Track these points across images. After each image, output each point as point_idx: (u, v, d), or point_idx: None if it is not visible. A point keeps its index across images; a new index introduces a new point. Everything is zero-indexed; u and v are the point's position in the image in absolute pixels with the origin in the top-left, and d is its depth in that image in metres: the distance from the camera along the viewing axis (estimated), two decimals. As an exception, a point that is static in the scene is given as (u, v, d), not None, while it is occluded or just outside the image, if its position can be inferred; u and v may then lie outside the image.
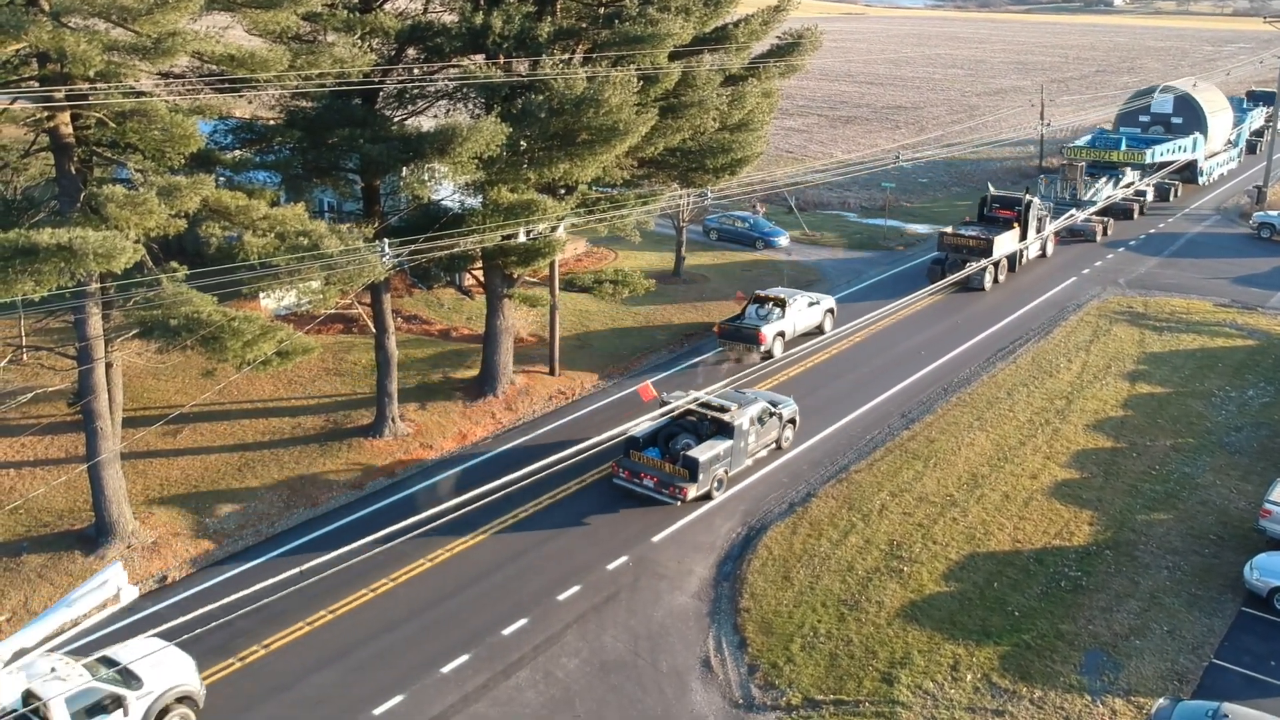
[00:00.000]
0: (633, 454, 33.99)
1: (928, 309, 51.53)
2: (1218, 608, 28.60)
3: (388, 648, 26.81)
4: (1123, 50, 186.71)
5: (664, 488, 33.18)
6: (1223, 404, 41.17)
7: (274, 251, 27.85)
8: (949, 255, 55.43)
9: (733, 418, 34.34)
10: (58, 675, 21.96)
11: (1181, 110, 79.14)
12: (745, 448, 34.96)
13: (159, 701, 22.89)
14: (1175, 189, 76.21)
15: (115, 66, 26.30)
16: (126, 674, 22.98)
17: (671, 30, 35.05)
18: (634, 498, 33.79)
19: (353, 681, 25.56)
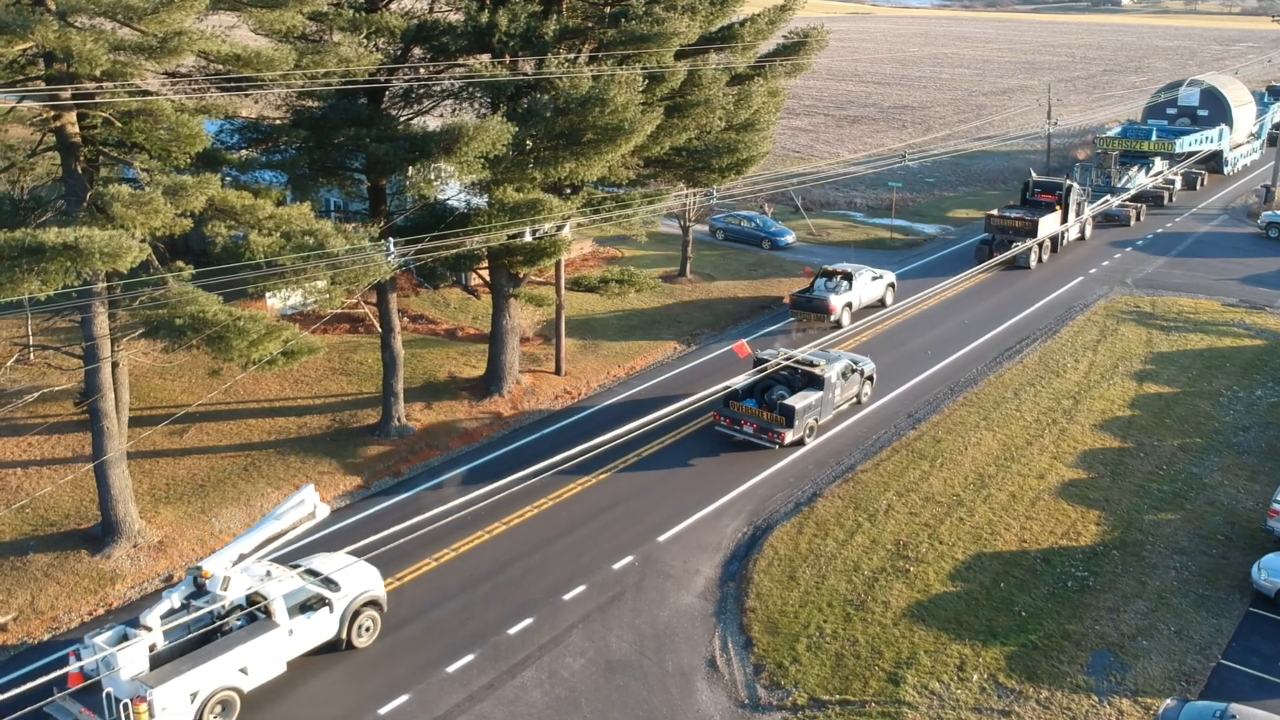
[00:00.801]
0: (733, 404, 37.68)
1: (942, 304, 51.47)
2: (1225, 608, 28.48)
3: (392, 647, 26.80)
4: (1130, 50, 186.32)
5: (763, 433, 36.82)
6: (1231, 404, 41.03)
7: (279, 251, 27.84)
8: (996, 236, 58.58)
9: (822, 371, 38.16)
10: (274, 577, 25.59)
11: (1207, 103, 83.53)
12: (832, 399, 38.72)
13: (353, 604, 26.47)
14: (1202, 178, 79.31)
15: (121, 66, 26.33)
16: (327, 580, 26.51)
17: (677, 29, 35.01)
18: (733, 443, 37.43)
19: (358, 681, 25.55)
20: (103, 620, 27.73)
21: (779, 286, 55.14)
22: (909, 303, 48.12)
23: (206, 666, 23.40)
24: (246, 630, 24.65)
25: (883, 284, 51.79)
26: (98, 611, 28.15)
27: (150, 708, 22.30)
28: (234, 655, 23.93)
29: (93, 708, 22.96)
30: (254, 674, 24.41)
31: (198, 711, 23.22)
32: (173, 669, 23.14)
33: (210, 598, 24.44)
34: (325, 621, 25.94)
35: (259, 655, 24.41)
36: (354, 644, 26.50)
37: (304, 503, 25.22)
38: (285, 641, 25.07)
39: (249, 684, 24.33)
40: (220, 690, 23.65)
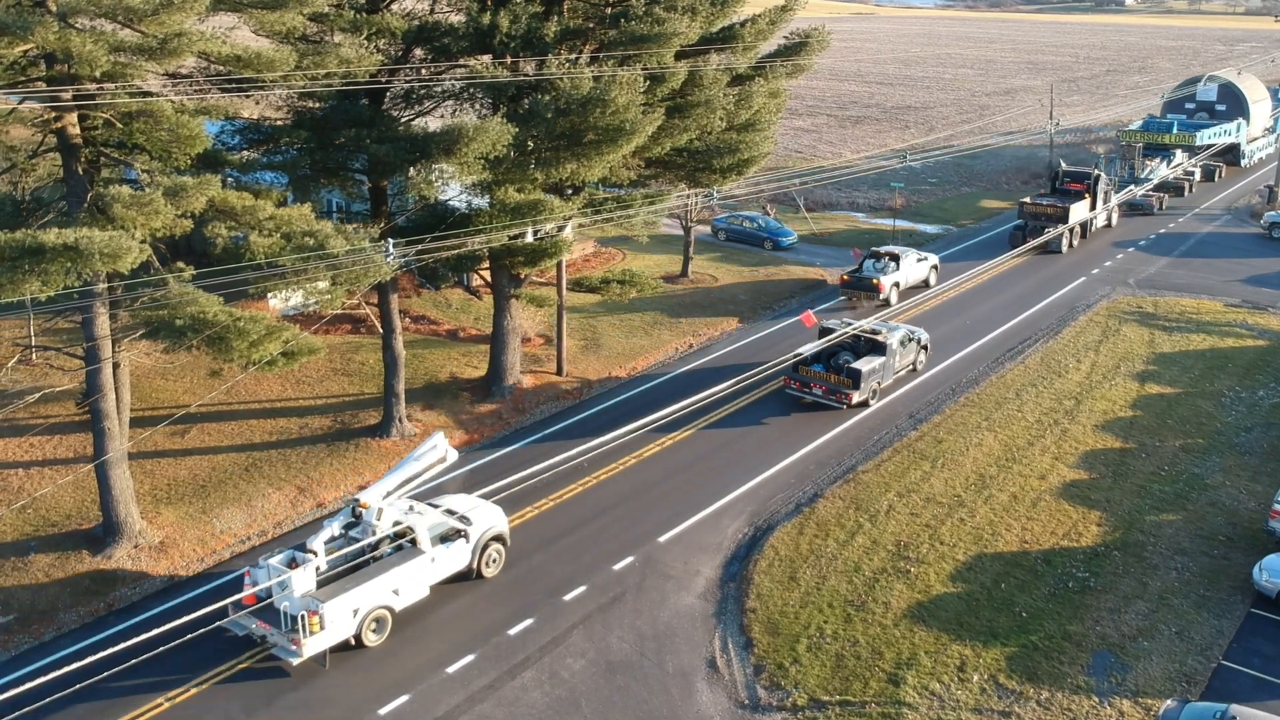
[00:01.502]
0: (802, 369, 40.79)
1: (941, 305, 51.45)
2: (1227, 609, 28.44)
3: (392, 647, 26.81)
4: (1134, 50, 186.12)
5: (831, 394, 39.98)
6: (1233, 404, 40.97)
7: (280, 252, 27.89)
8: (1028, 222, 61.63)
9: (885, 338, 41.51)
10: (417, 512, 28.74)
11: (1225, 98, 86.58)
12: (893, 364, 41.94)
13: (483, 538, 29.45)
14: (1220, 170, 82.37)
15: (121, 67, 26.38)
16: (462, 517, 29.45)
17: (678, 30, 35.02)
18: (804, 405, 40.58)
19: (358, 681, 25.57)
20: (104, 620, 27.78)
21: (780, 286, 55.18)
22: (924, 295, 48.55)
23: (366, 586, 26.35)
24: (396, 557, 27.58)
25: (926, 265, 55.09)
26: (99, 612, 28.19)
27: (321, 620, 25.26)
28: (387, 578, 26.87)
29: (268, 621, 25.75)
30: (403, 596, 27.38)
31: (358, 626, 26.29)
32: (338, 587, 26.11)
33: (365, 527, 27.58)
34: (461, 552, 28.93)
35: (407, 579, 27.40)
36: (483, 574, 29.57)
37: (436, 447, 28.40)
38: (428, 568, 27.99)
39: (399, 604, 27.32)
40: (376, 608, 26.66)
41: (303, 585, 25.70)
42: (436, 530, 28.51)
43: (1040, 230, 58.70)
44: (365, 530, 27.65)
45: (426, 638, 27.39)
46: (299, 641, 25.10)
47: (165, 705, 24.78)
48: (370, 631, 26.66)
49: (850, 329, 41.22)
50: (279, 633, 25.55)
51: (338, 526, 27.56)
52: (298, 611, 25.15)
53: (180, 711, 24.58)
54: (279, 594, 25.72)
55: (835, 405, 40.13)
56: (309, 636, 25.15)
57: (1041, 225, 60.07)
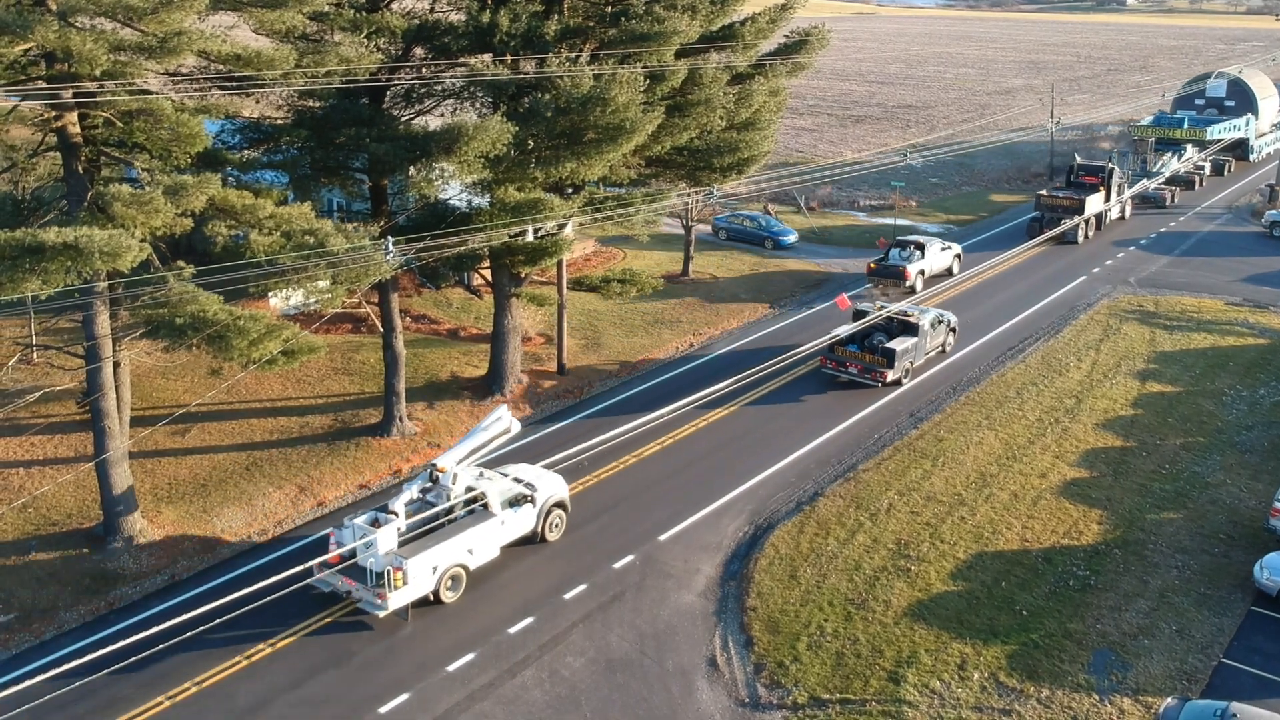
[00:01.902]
0: (838, 349, 42.49)
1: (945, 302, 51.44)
2: (1227, 607, 28.42)
3: (393, 646, 26.82)
4: (1135, 49, 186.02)
5: (866, 373, 41.83)
6: (1234, 403, 40.95)
7: (280, 250, 27.88)
8: (1045, 214, 63.43)
9: (917, 319, 43.27)
10: (487, 478, 30.59)
11: (1234, 94, 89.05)
12: (924, 345, 43.70)
13: (547, 503, 31.22)
14: (1229, 164, 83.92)
15: (121, 66, 26.40)
16: (528, 484, 31.06)
17: (678, 28, 35.02)
18: (839, 383, 42.47)
19: (359, 680, 25.58)
20: (104, 619, 27.80)
21: (777, 290, 55.18)
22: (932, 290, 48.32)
23: (444, 545, 28.14)
24: (469, 519, 29.34)
25: (950, 254, 56.58)
26: (99, 610, 28.20)
27: (404, 576, 26.97)
28: (463, 538, 28.69)
29: (353, 578, 27.39)
30: (477, 555, 29.21)
31: (437, 582, 28.06)
32: (418, 546, 27.83)
33: (440, 491, 29.37)
34: (527, 516, 30.74)
35: (480, 540, 29.20)
36: (546, 538, 31.35)
37: (500, 419, 30.52)
38: (499, 530, 29.82)
39: (473, 563, 29.14)
40: (453, 566, 28.45)
41: (386, 544, 27.44)
42: (506, 495, 30.26)
43: (1057, 222, 61.03)
44: (441, 494, 29.40)
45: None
46: (384, 596, 26.80)
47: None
48: (447, 589, 28.44)
49: (885, 311, 43.16)
50: (364, 588, 27.20)
51: (416, 490, 29.21)
52: (382, 568, 26.90)
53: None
54: (363, 553, 27.33)
55: (871, 383, 42.04)
56: (393, 591, 26.84)
57: (1058, 217, 62.04)
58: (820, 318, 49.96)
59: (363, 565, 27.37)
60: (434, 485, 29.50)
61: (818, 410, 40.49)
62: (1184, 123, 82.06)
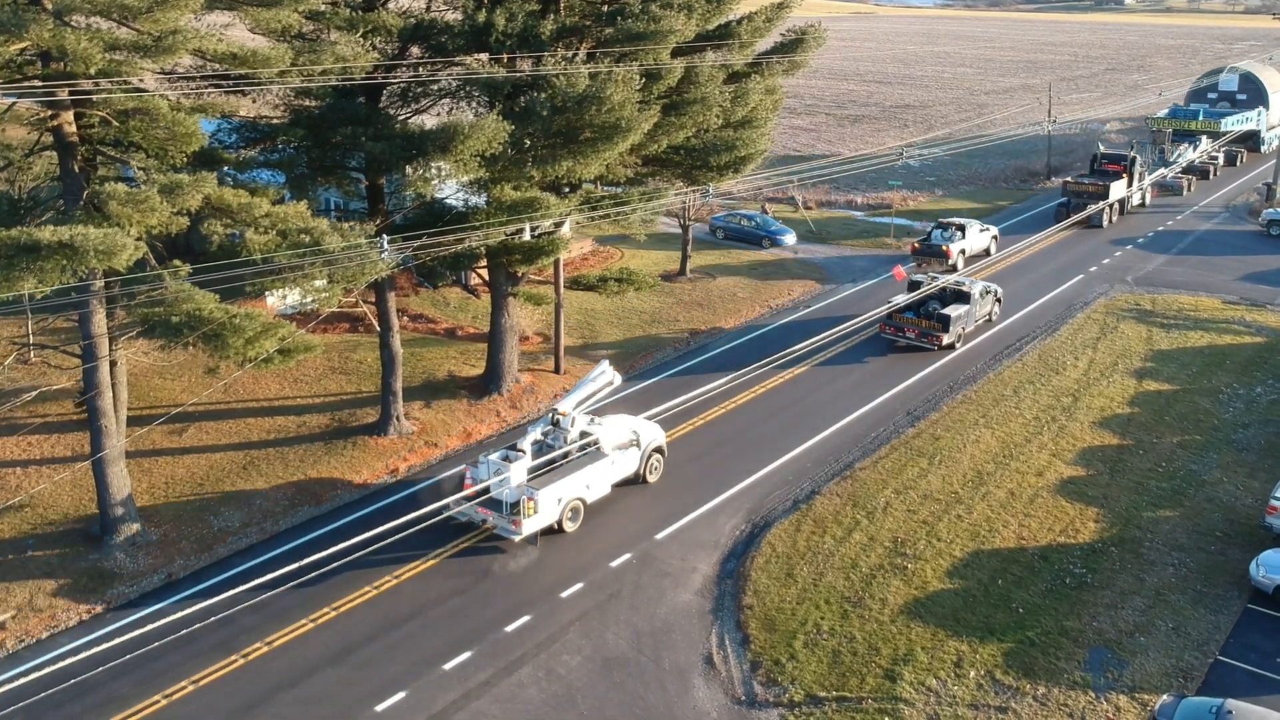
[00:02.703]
0: (897, 316, 46.48)
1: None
2: (1223, 604, 28.44)
3: (390, 644, 26.82)
4: (1133, 48, 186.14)
5: (923, 338, 45.95)
6: (1230, 401, 40.96)
7: (276, 249, 27.88)
8: (1071, 199, 67.28)
9: (969, 288, 47.31)
10: (597, 423, 33.69)
11: (1245, 88, 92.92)
12: (975, 312, 47.65)
13: (648, 448, 34.74)
14: (1241, 155, 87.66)
15: (117, 65, 26.36)
16: (633, 430, 34.26)
17: (674, 27, 35.01)
18: (897, 347, 46.43)
19: (355, 678, 25.58)
20: (101, 618, 27.79)
21: (782, 289, 55.19)
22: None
23: (567, 479, 31.43)
24: (585, 459, 32.53)
25: (988, 236, 60.66)
26: (96, 609, 28.18)
27: (536, 505, 30.22)
28: (582, 474, 31.97)
29: (489, 508, 30.53)
30: (593, 490, 32.60)
31: (560, 513, 31.35)
32: (544, 480, 31.04)
33: (559, 434, 32.81)
34: (632, 458, 34.17)
35: (595, 478, 32.58)
36: (647, 479, 34.72)
37: (604, 373, 34.25)
38: (610, 469, 33.17)
39: (590, 497, 32.51)
40: (574, 499, 31.77)
41: (518, 478, 30.76)
42: (615, 439, 33.46)
43: (1082, 206, 64.69)
44: (559, 437, 32.80)
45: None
46: (518, 523, 30.13)
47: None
48: (568, 520, 31.73)
49: (939, 282, 47.28)
50: (500, 516, 30.50)
51: (538, 433, 32.79)
52: (516, 499, 30.27)
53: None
54: (497, 486, 30.35)
55: (927, 347, 45.99)
56: (526, 519, 30.14)
57: (1084, 202, 65.68)
58: (838, 306, 49.96)
59: (497, 497, 30.32)
60: (554, 429, 33.02)
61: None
62: (1199, 115, 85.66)
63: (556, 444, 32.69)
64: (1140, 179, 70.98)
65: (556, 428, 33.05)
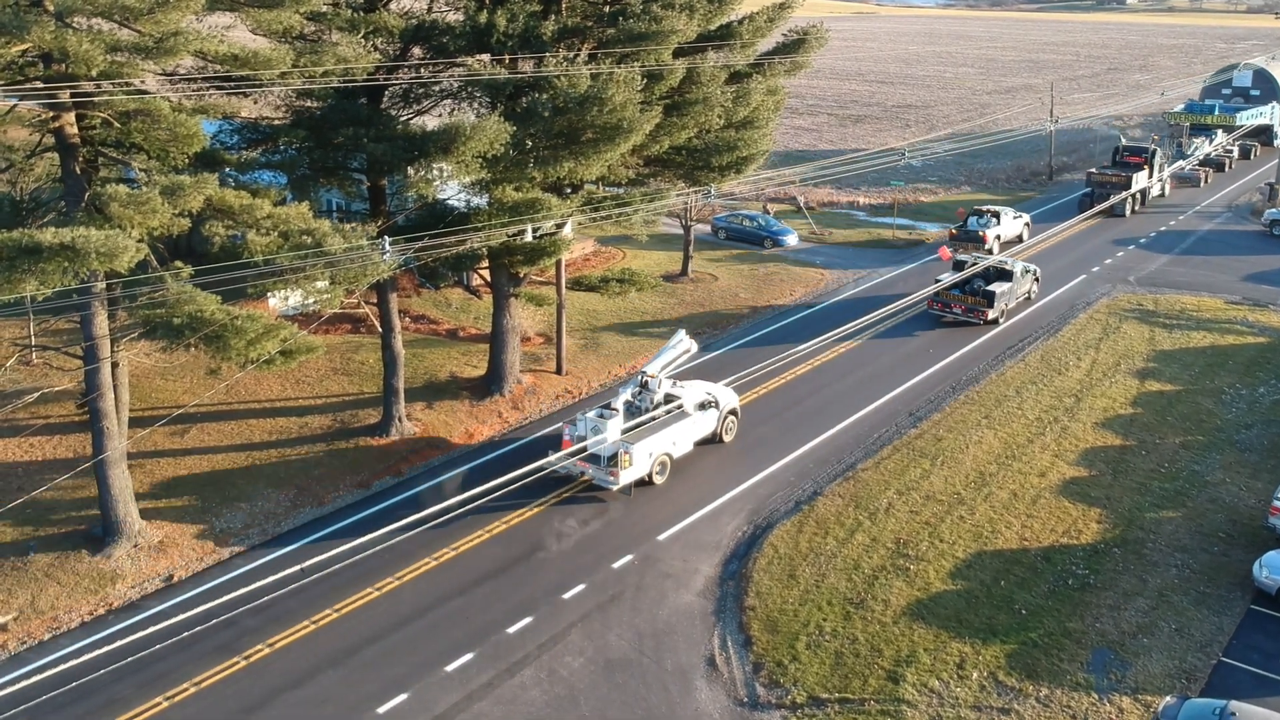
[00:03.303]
0: (944, 294, 49.02)
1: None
2: (1226, 606, 28.39)
3: (392, 646, 26.80)
4: (1135, 48, 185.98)
5: (969, 313, 49.03)
6: (1233, 401, 40.91)
7: (277, 250, 27.86)
8: (1095, 190, 69.91)
9: (1011, 267, 50.84)
10: (680, 386, 36.61)
11: (1259, 83, 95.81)
12: (1017, 290, 50.90)
13: (724, 410, 37.49)
14: (1255, 149, 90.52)
15: (118, 66, 26.35)
16: (710, 393, 37.06)
17: (675, 28, 34.97)
18: (944, 322, 49.62)
19: (357, 680, 25.55)
20: (103, 620, 27.77)
21: (781, 289, 55.15)
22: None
23: (656, 436, 34.26)
24: (670, 418, 35.14)
25: (1020, 223, 63.27)
26: (98, 611, 28.18)
27: (630, 458, 33.11)
28: (669, 432, 34.79)
29: (587, 461, 33.28)
30: (678, 447, 35.39)
31: (650, 467, 34.19)
32: (637, 435, 33.70)
33: (647, 396, 35.71)
34: (711, 419, 37.00)
35: (680, 435, 35.39)
36: (723, 439, 37.49)
37: (682, 341, 36.92)
38: (692, 428, 36.01)
39: (676, 453, 35.29)
40: (662, 454, 34.60)
41: (614, 433, 33.40)
42: (696, 400, 36.31)
43: (1105, 196, 67.01)
44: (647, 398, 35.64)
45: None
46: (616, 474, 33.03)
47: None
48: (657, 473, 34.47)
49: (985, 261, 50.06)
50: (598, 468, 33.33)
51: (629, 394, 35.50)
52: (613, 452, 33.10)
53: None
54: (594, 440, 33.03)
55: (974, 321, 48.97)
56: (623, 470, 32.99)
57: (1107, 192, 68.14)
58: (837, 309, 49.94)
59: (594, 451, 32.96)
60: (643, 390, 35.84)
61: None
62: (1214, 110, 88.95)
63: (644, 404, 35.51)
64: (1160, 170, 73.56)
65: (645, 389, 35.82)
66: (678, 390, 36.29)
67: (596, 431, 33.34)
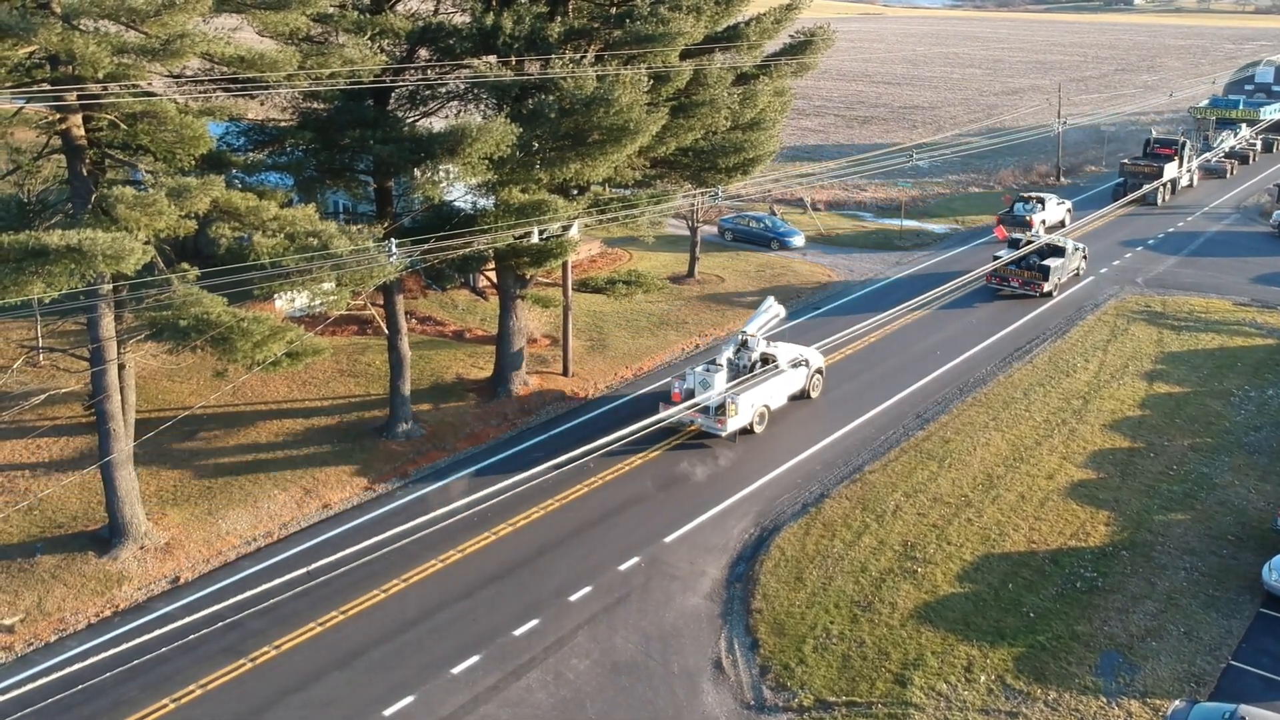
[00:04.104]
0: (1002, 269, 53.07)
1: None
2: (1236, 609, 28.26)
3: (399, 648, 26.77)
4: (1143, 49, 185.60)
5: (1026, 285, 53.31)
6: (1242, 403, 40.75)
7: (284, 252, 27.84)
8: (1128, 180, 73.27)
9: (1063, 244, 55.50)
10: (774, 346, 40.29)
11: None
12: (1069, 265, 55.36)
13: (812, 368, 41.23)
14: (1276, 143, 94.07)
15: (125, 68, 26.35)
16: (799, 352, 40.88)
17: (683, 29, 34.93)
18: (1001, 296, 53.74)
19: (363, 683, 25.52)
20: (109, 622, 27.77)
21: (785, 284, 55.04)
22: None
23: (757, 389, 38.00)
24: (767, 373, 38.88)
25: (1064, 209, 67.19)
26: (105, 613, 28.18)
27: (736, 407, 36.75)
28: (767, 386, 38.55)
29: (696, 411, 36.74)
30: (774, 400, 39.17)
31: (752, 416, 37.92)
32: (741, 388, 37.32)
33: (745, 353, 39.62)
34: (802, 376, 40.82)
35: (776, 389, 39.17)
36: (811, 395, 41.26)
37: (772, 307, 41.05)
38: (786, 383, 39.81)
39: (773, 405, 39.04)
40: (762, 405, 38.29)
41: (720, 385, 37.05)
42: (789, 358, 40.03)
43: (1138, 185, 70.74)
44: (745, 356, 39.52)
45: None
46: (723, 422, 36.76)
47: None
48: (758, 423, 38.12)
49: (1041, 240, 55.22)
50: (707, 417, 37.05)
51: (730, 352, 39.32)
52: (720, 402, 36.66)
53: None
54: (701, 392, 36.86)
55: (1030, 294, 53.22)
56: (730, 419, 36.67)
57: (1139, 182, 71.58)
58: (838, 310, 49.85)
59: (705, 403, 36.57)
60: (743, 349, 39.54)
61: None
62: (1239, 104, 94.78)
63: (742, 362, 39.29)
64: (1189, 161, 77.28)
65: (744, 348, 39.50)
66: (772, 349, 39.81)
67: (705, 385, 37.12)
